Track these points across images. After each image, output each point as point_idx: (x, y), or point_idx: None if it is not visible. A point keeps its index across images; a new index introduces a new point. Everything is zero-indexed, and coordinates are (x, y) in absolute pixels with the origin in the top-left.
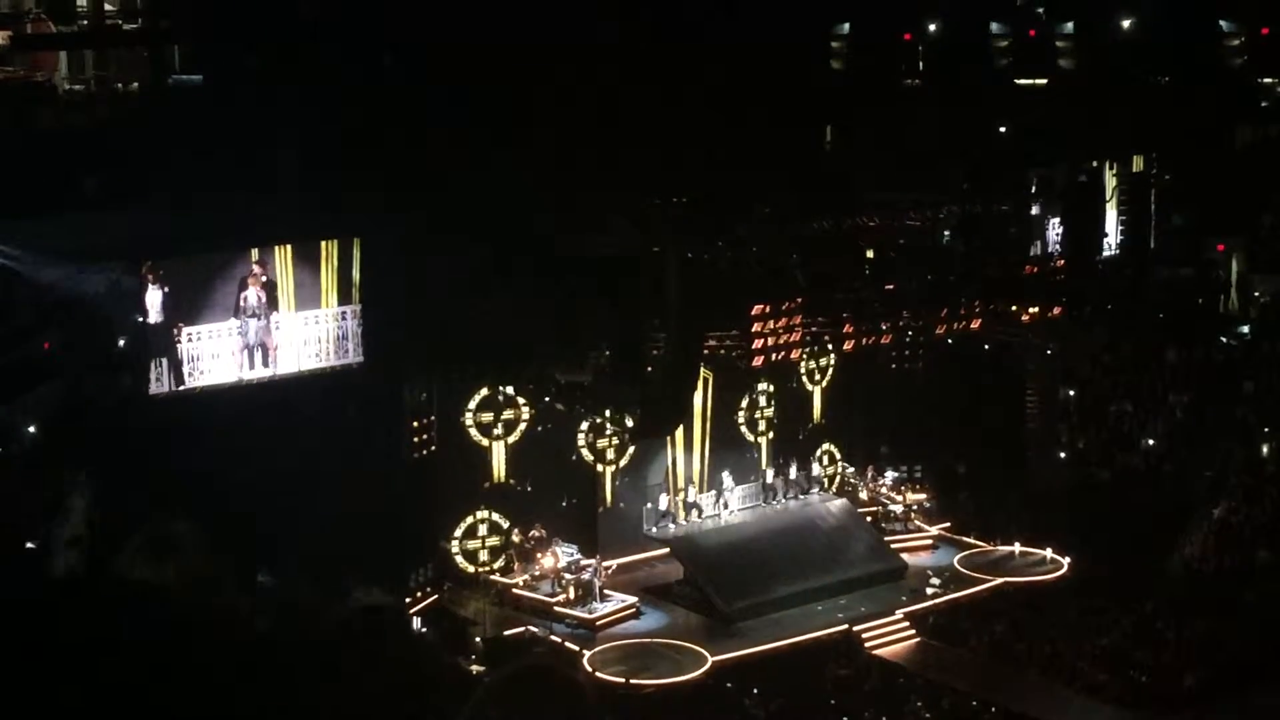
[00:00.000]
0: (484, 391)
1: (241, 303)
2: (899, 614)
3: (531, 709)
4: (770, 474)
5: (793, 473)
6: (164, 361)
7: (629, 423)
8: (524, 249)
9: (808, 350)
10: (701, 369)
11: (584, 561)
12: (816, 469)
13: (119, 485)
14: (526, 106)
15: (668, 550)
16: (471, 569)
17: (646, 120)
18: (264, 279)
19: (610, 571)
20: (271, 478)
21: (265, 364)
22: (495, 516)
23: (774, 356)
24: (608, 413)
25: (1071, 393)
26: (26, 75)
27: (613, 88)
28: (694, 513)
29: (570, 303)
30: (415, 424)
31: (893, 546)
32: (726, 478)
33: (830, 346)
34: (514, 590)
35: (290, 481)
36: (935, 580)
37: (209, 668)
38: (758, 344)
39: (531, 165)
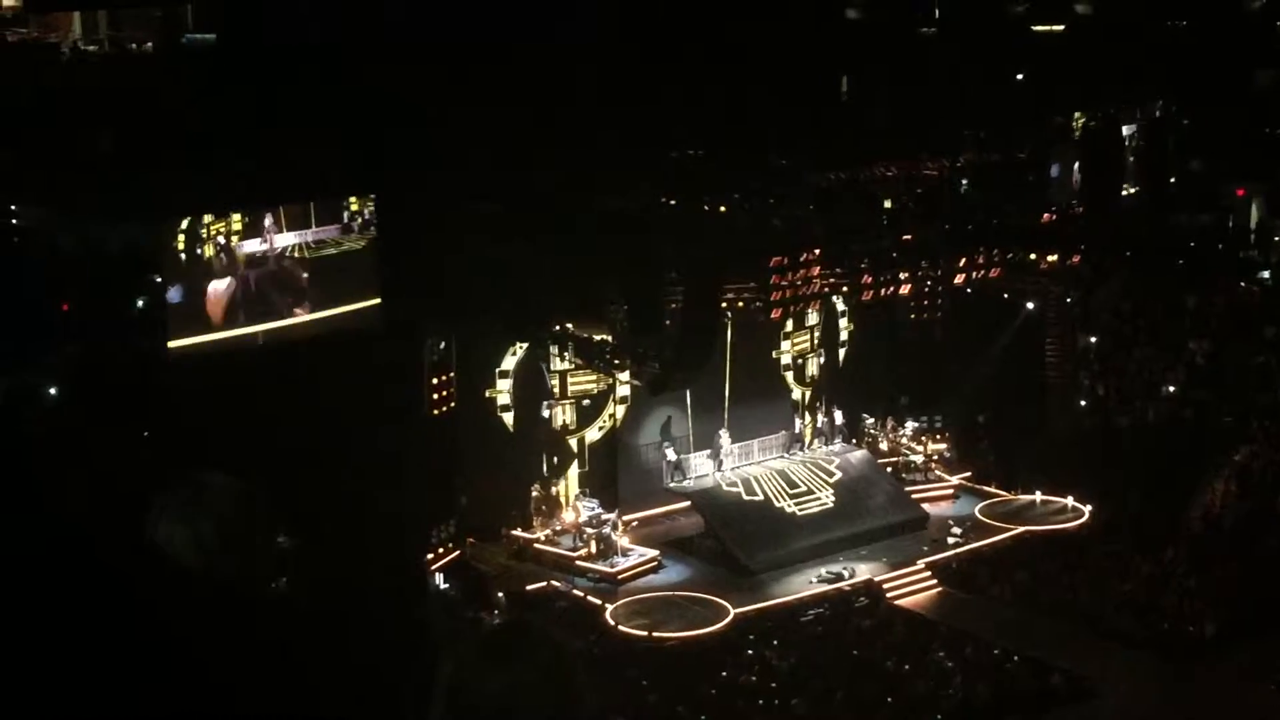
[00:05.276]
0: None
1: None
2: (920, 564)
3: (508, 669)
4: (799, 424)
5: (820, 421)
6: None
7: (649, 377)
8: (537, 204)
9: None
10: (720, 321)
11: (604, 516)
12: (840, 418)
13: (137, 444)
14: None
15: (689, 504)
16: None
17: (659, 71)
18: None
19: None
20: (287, 436)
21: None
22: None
23: (792, 309)
24: (628, 367)
25: (1091, 340)
26: (40, 37)
27: (623, 37)
28: (687, 471)
29: (586, 258)
30: (435, 380)
31: (913, 497)
32: (723, 435)
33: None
34: (535, 545)
35: (308, 440)
36: (956, 530)
37: (224, 629)
38: (775, 296)
39: (542, 118)
